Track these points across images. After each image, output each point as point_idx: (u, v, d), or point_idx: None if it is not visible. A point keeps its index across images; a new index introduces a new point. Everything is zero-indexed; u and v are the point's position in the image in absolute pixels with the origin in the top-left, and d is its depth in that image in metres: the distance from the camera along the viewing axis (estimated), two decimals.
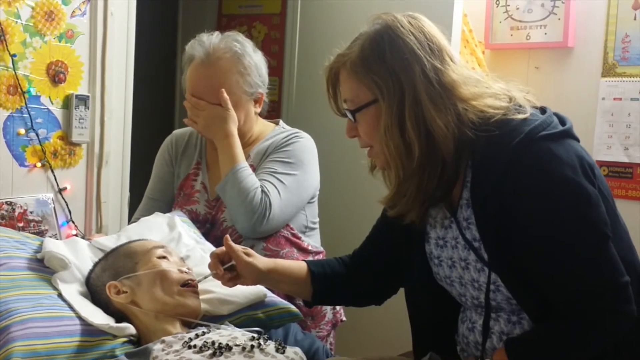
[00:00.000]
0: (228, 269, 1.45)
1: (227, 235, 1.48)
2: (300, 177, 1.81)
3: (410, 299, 1.48)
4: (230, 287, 1.49)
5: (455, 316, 1.41)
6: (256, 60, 1.84)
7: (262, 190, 1.73)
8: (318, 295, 1.52)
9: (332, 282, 1.51)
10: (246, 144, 1.90)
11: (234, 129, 1.79)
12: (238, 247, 1.46)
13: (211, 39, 1.82)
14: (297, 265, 1.53)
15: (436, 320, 1.44)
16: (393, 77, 1.24)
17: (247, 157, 1.86)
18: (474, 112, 1.25)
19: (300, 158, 1.83)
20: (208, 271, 1.49)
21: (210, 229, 1.86)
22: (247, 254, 1.46)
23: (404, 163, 1.25)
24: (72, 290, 1.49)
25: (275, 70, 3.16)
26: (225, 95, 1.78)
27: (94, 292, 1.52)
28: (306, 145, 1.87)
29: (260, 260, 1.47)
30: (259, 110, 1.89)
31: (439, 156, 1.25)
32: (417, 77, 1.23)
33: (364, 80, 1.27)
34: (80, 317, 1.41)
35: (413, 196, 1.28)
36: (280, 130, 1.92)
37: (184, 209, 1.88)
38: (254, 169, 1.84)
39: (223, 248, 1.46)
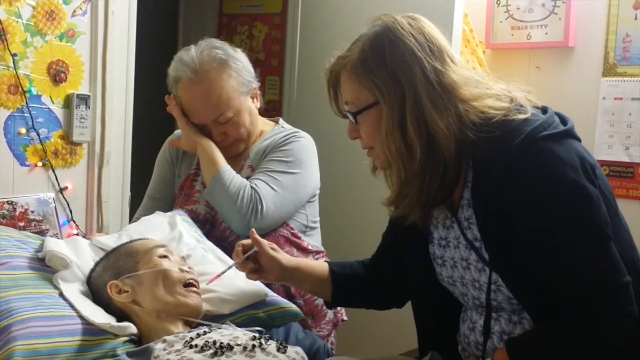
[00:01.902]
0: (251, 260, 1.45)
1: (253, 230, 1.48)
2: (298, 176, 1.81)
3: (414, 299, 1.48)
4: (253, 279, 1.50)
5: (459, 316, 1.42)
6: (241, 59, 1.84)
7: (251, 187, 1.73)
8: (338, 296, 1.53)
9: (352, 284, 1.52)
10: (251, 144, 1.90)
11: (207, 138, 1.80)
12: (264, 241, 1.47)
13: (192, 55, 1.80)
14: (319, 265, 1.54)
15: (440, 320, 1.44)
16: (393, 79, 1.24)
17: (247, 157, 1.86)
18: (475, 113, 1.25)
19: (298, 157, 1.82)
20: (210, 270, 1.50)
21: (210, 229, 1.85)
22: (273, 249, 1.47)
23: (406, 165, 1.25)
24: (73, 290, 1.49)
25: (276, 69, 3.17)
26: None
27: (95, 291, 1.52)
28: (305, 145, 1.87)
29: (285, 257, 1.48)
30: (258, 105, 1.89)
31: (440, 157, 1.25)
32: (418, 78, 1.23)
33: (364, 83, 1.27)
34: (81, 316, 1.41)
35: (415, 198, 1.28)
36: (280, 129, 1.92)
37: (184, 209, 1.88)
38: (253, 169, 1.84)
39: (249, 240, 1.47)
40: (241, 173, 1.83)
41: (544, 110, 1.31)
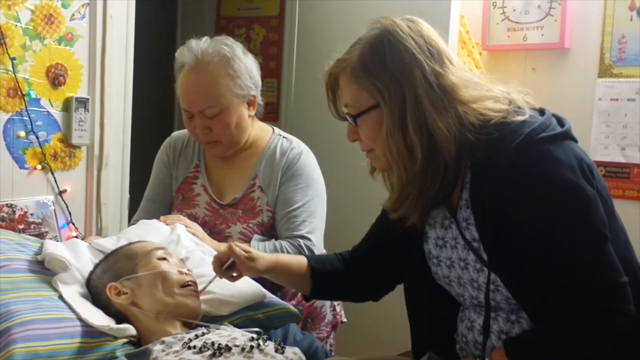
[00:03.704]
0: (230, 268, 1.48)
1: (231, 244, 1.49)
2: (319, 193, 1.87)
3: (409, 297, 1.48)
4: (232, 282, 1.52)
5: (454, 315, 1.42)
6: (246, 63, 1.84)
7: (298, 238, 1.77)
8: (316, 291, 1.54)
9: (331, 278, 1.53)
10: (243, 148, 1.89)
11: (213, 243, 1.80)
12: (241, 253, 1.47)
13: (200, 44, 1.82)
14: (297, 261, 1.54)
15: (435, 319, 1.44)
16: (394, 81, 1.24)
17: (255, 176, 1.86)
18: (474, 114, 1.25)
19: (311, 177, 1.86)
20: (208, 272, 1.50)
21: (210, 234, 1.84)
22: (250, 259, 1.47)
23: (407, 167, 1.26)
24: (73, 292, 1.49)
25: (274, 72, 3.17)
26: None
27: (94, 293, 1.52)
28: (310, 161, 1.89)
29: (262, 262, 1.49)
30: (252, 112, 1.88)
31: (441, 159, 1.25)
32: (418, 81, 1.24)
33: (364, 85, 1.27)
34: (80, 319, 1.41)
35: (415, 199, 1.29)
36: (277, 138, 1.91)
37: (183, 213, 1.88)
38: (262, 190, 1.84)
39: (226, 250, 1.48)
40: (252, 194, 1.84)
41: (542, 111, 1.31)
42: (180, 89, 1.84)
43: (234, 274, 1.51)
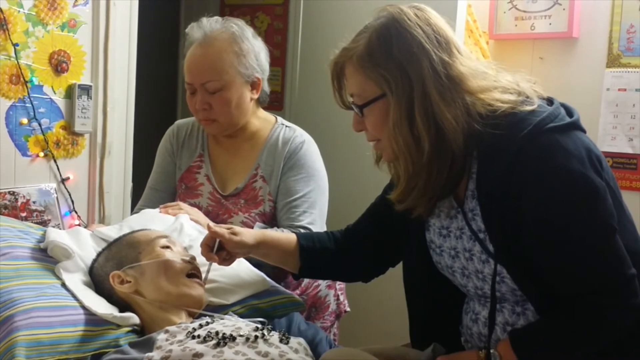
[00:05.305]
0: (221, 250, 1.46)
1: (209, 224, 1.48)
2: (320, 184, 1.85)
3: (407, 285, 1.47)
4: (227, 265, 1.50)
5: (455, 305, 1.41)
6: (254, 45, 1.83)
7: (301, 228, 1.75)
8: (305, 269, 1.52)
9: (320, 257, 1.51)
10: (246, 138, 1.88)
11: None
12: (224, 231, 1.45)
13: (210, 22, 1.83)
14: (286, 237, 1.53)
15: (434, 309, 1.43)
16: (401, 71, 1.23)
17: (258, 166, 1.85)
18: (482, 105, 1.24)
19: (312, 167, 1.85)
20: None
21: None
22: (234, 234, 1.46)
23: (414, 158, 1.25)
24: (76, 280, 1.49)
25: (278, 60, 3.16)
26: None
27: (97, 281, 1.52)
28: (312, 151, 1.88)
29: (248, 236, 1.47)
30: (255, 96, 1.86)
31: (448, 150, 1.24)
32: (426, 71, 1.22)
33: (371, 75, 1.25)
34: (83, 307, 1.40)
35: (422, 191, 1.27)
36: (280, 127, 1.90)
37: (186, 202, 1.87)
38: (265, 180, 1.83)
39: (209, 234, 1.46)
40: (254, 184, 1.84)
41: (550, 101, 1.30)
42: (186, 62, 1.84)
43: (227, 258, 1.48)
